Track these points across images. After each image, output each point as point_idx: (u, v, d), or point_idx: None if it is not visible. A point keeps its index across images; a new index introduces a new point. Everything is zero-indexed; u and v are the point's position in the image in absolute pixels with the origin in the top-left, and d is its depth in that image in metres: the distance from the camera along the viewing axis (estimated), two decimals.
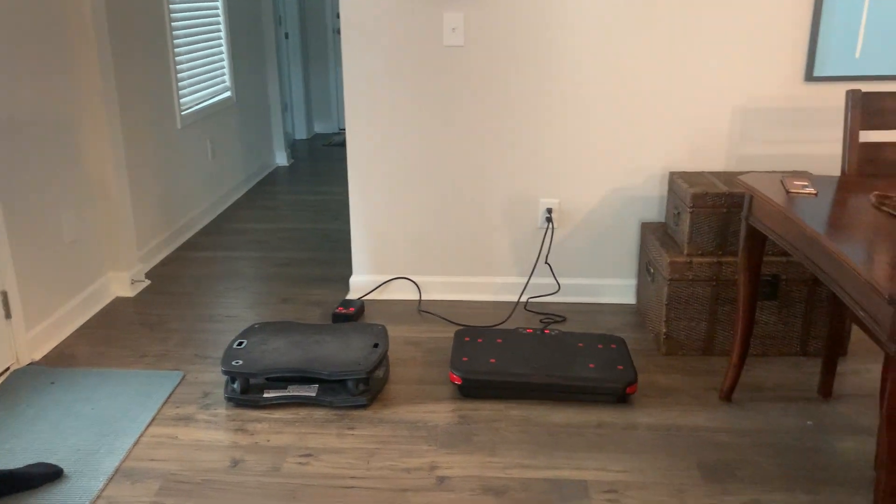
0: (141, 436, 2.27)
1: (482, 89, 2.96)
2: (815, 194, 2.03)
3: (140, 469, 2.12)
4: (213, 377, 2.60)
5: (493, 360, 2.47)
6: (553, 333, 2.67)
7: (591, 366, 2.46)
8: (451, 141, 3.04)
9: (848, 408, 2.39)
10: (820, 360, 2.68)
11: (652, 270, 2.85)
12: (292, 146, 6.41)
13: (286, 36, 6.41)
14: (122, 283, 3.31)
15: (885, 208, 1.88)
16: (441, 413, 2.37)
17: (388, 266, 3.22)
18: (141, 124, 3.59)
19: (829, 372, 2.43)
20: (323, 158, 6.07)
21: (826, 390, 2.45)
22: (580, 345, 2.60)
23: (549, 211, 3.08)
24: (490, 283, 3.20)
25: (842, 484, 2.03)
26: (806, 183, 2.11)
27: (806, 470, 2.09)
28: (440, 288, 3.22)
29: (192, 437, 2.27)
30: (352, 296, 3.24)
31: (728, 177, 2.80)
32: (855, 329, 2.77)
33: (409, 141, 3.05)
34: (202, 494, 2.01)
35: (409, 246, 3.18)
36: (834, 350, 2.39)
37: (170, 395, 2.50)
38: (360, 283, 3.24)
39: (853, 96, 2.23)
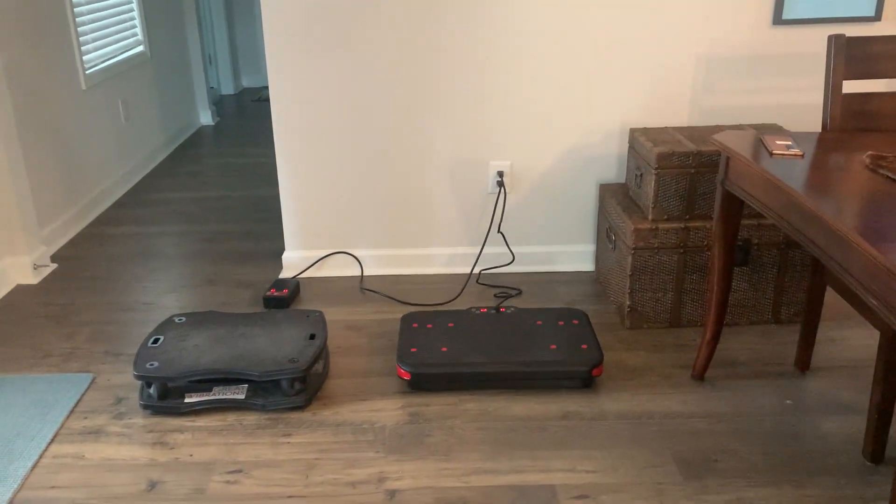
0: (41, 457, 1.96)
1: (422, 39, 2.64)
2: (802, 155, 1.80)
3: (38, 500, 1.81)
4: (128, 379, 2.28)
5: (444, 349, 2.21)
6: (509, 311, 2.43)
7: (553, 347, 2.23)
8: (390, 98, 2.71)
9: (827, 382, 2.22)
10: (793, 327, 2.51)
11: (613, 237, 2.62)
12: (218, 103, 5.95)
13: None
14: (23, 269, 2.93)
15: (882, 171, 1.66)
16: (389, 411, 2.12)
17: (324, 239, 2.91)
18: (34, 86, 3.15)
19: (807, 344, 2.25)
20: (252, 116, 5.64)
21: (804, 363, 2.27)
22: (539, 323, 2.36)
23: (501, 174, 2.80)
24: (438, 254, 2.92)
25: (830, 473, 1.86)
26: (789, 142, 1.87)
27: (790, 458, 1.91)
28: (384, 262, 2.93)
29: (101, 455, 1.96)
30: (285, 274, 2.93)
31: (694, 133, 2.56)
32: (829, 292, 2.60)
33: (341, 98, 2.71)
34: None
35: (347, 216, 2.87)
36: (813, 320, 2.21)
37: (76, 403, 2.18)
38: (294, 260, 2.93)
39: (836, 42, 1.99)
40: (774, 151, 1.82)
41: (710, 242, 2.42)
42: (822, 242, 1.52)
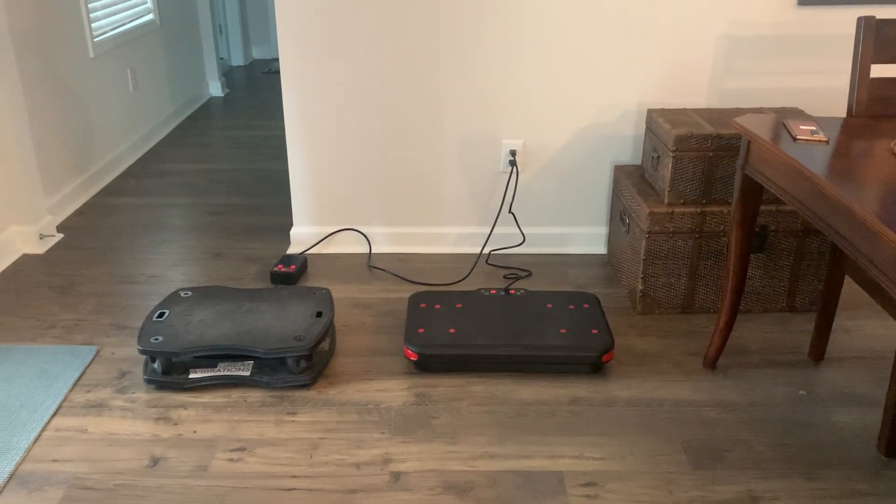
0: (43, 429, 1.94)
1: (436, 13, 2.57)
2: (827, 141, 1.75)
3: (40, 473, 1.79)
4: (133, 352, 2.26)
5: (452, 331, 2.18)
6: (519, 294, 2.39)
7: (563, 331, 2.19)
8: (403, 73, 2.66)
9: (841, 373, 2.18)
10: (807, 316, 2.47)
11: (627, 220, 2.57)
12: (228, 74, 5.89)
13: None
14: (29, 239, 2.90)
15: None
16: (395, 391, 2.09)
17: (333, 216, 2.87)
18: (42, 53, 3.11)
19: (822, 333, 2.20)
20: (262, 88, 5.58)
21: (818, 353, 2.23)
22: (549, 306, 2.33)
23: (513, 153, 2.75)
24: (448, 233, 2.88)
25: (843, 466, 1.82)
26: (814, 127, 1.82)
27: (802, 450, 1.88)
28: (392, 240, 2.89)
29: (104, 429, 1.95)
30: (293, 250, 2.90)
31: (712, 115, 2.50)
32: (845, 280, 2.55)
33: (353, 73, 2.66)
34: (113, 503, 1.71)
35: (356, 193, 2.83)
36: (829, 309, 2.16)
37: (80, 375, 2.16)
38: (302, 236, 2.89)
39: (866, 24, 1.92)
40: (798, 136, 1.76)
41: (726, 228, 2.37)
42: (847, 232, 1.47)
